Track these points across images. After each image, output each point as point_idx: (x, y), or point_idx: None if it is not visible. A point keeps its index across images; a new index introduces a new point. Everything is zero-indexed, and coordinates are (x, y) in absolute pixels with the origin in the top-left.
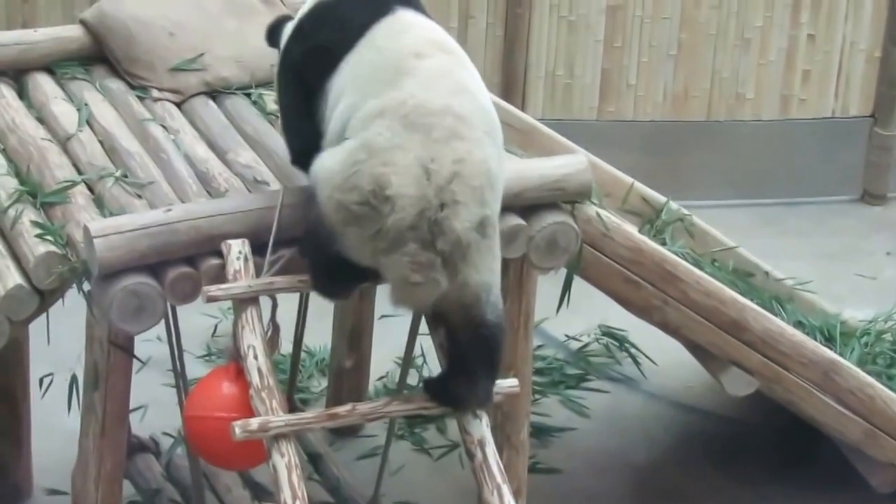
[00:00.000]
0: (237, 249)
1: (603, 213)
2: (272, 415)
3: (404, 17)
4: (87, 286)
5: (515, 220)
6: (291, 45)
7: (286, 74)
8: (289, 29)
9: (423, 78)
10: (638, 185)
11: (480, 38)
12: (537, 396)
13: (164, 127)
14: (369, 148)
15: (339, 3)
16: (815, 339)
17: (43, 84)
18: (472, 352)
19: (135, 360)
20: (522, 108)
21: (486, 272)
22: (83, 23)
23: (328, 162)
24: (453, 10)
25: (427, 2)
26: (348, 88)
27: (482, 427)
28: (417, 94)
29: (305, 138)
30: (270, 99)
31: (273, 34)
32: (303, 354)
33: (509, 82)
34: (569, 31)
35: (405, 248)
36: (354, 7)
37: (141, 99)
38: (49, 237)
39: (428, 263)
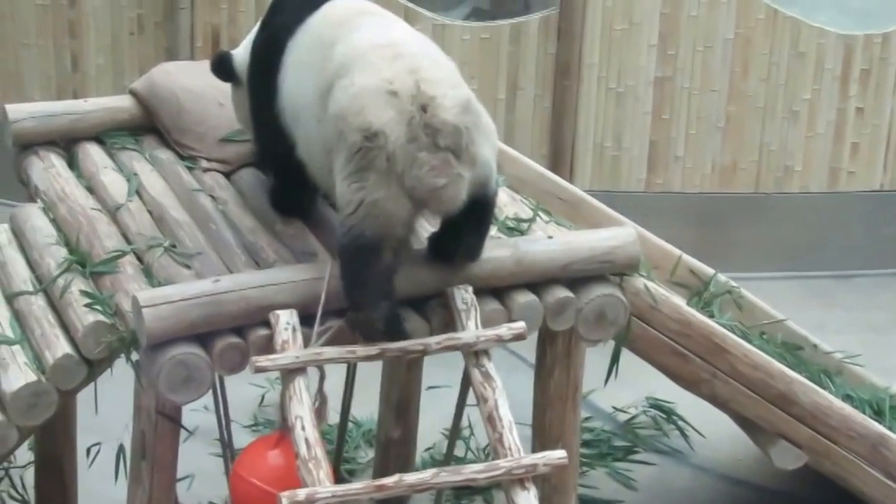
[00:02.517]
0: (285, 320)
1: (651, 285)
2: (319, 486)
3: (335, 2)
4: (135, 356)
5: (564, 293)
6: (254, 41)
7: (250, 81)
8: (243, 51)
9: (351, 38)
10: (686, 257)
11: (528, 110)
12: (585, 468)
13: (212, 197)
14: (339, 115)
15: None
16: (864, 413)
17: (93, 154)
18: (466, 216)
19: (182, 430)
20: (570, 180)
21: (490, 147)
22: (133, 93)
23: (335, 173)
24: (501, 80)
25: (476, 72)
26: (290, 76)
27: (530, 498)
28: (348, 48)
29: (275, 144)
30: None
31: (221, 65)
32: (350, 425)
33: (557, 154)
34: (617, 103)
35: (417, 160)
36: (297, 4)
37: (190, 169)
38: (98, 307)
39: (443, 163)
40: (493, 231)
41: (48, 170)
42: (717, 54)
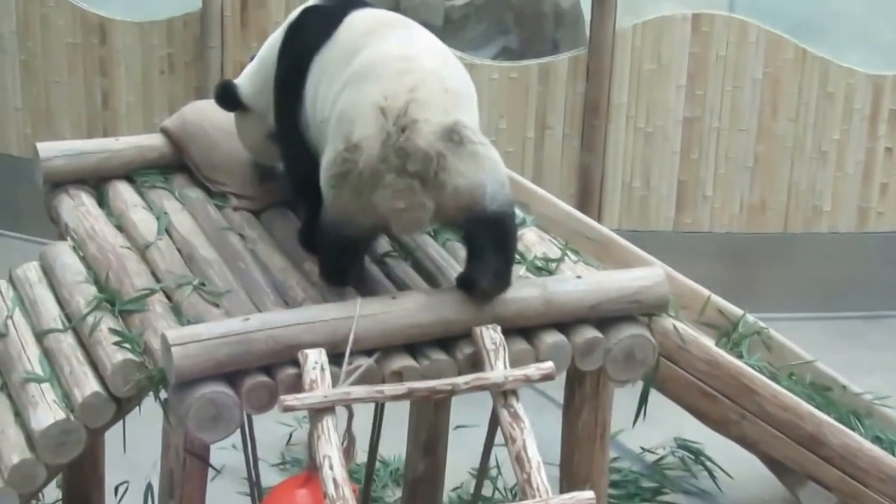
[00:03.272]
0: (314, 359)
1: (680, 325)
2: None
3: (358, 14)
4: (163, 394)
5: (592, 333)
6: (279, 63)
7: (277, 101)
8: (248, 80)
9: (373, 46)
10: (714, 297)
11: (557, 149)
12: None
13: (242, 236)
14: (336, 119)
15: (307, 15)
16: (894, 455)
17: (123, 192)
18: (478, 238)
19: (210, 469)
20: (598, 219)
21: (476, 173)
22: (164, 131)
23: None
24: (530, 119)
25: (505, 111)
26: (315, 88)
27: None
28: (367, 57)
29: (303, 165)
30: None
31: (226, 95)
32: (378, 464)
33: (585, 193)
34: (645, 142)
35: (383, 181)
36: (320, 17)
37: (219, 207)
38: (127, 345)
39: (407, 189)
40: (521, 271)
41: (78, 208)
42: (746, 94)
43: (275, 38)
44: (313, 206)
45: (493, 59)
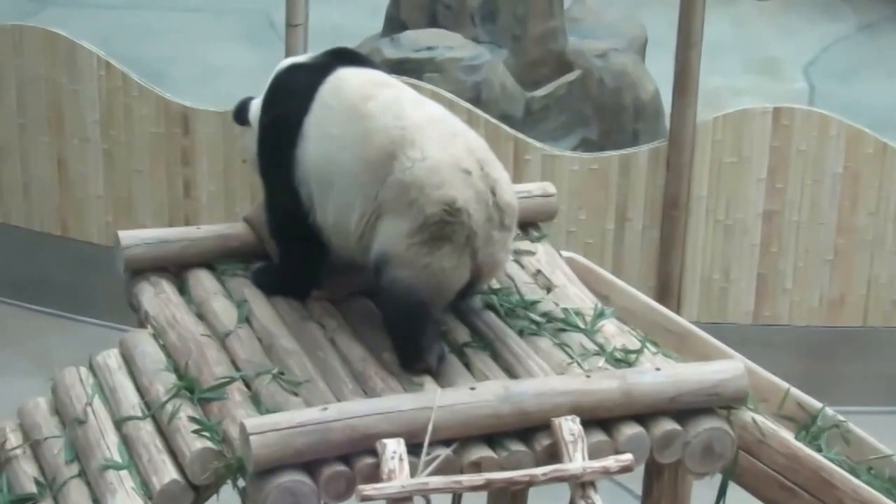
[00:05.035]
0: (392, 449)
1: (759, 418)
2: None
3: (342, 74)
4: (241, 482)
5: (671, 425)
6: (262, 118)
7: (261, 148)
8: (256, 106)
9: (395, 110)
10: (794, 390)
11: (636, 241)
12: None
13: (321, 325)
14: (414, 184)
15: (289, 73)
16: None
17: (203, 280)
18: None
19: None
20: (677, 311)
21: None
22: (246, 221)
23: (388, 234)
24: (610, 211)
25: (585, 203)
26: (317, 148)
27: None
28: (401, 121)
29: (290, 214)
30: None
31: (240, 112)
32: None
33: (664, 285)
34: (725, 235)
35: (491, 238)
36: (301, 75)
37: None
38: (205, 433)
39: (507, 241)
40: (600, 362)
41: (159, 295)
42: (826, 188)
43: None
44: (290, 251)
45: (573, 151)
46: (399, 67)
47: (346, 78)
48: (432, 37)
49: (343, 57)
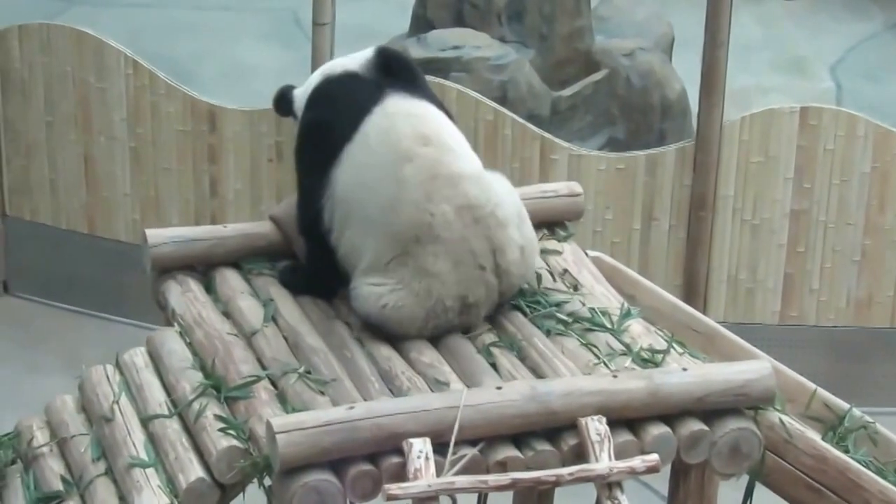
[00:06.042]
0: (418, 448)
1: (786, 419)
2: None
3: (390, 108)
4: (267, 481)
5: (698, 426)
6: (305, 115)
7: (300, 145)
8: (300, 98)
9: (424, 189)
10: (821, 391)
11: (663, 240)
12: None
13: (348, 324)
14: (431, 276)
15: (339, 83)
16: None
17: (230, 279)
18: None
19: None
20: (704, 311)
21: None
22: (272, 219)
23: (388, 304)
24: (636, 211)
25: (611, 202)
26: (348, 183)
27: None
28: (433, 205)
29: (308, 219)
30: None
31: (283, 101)
32: None
33: (691, 285)
34: (752, 235)
35: (494, 301)
36: (351, 91)
37: None
38: (232, 431)
39: (509, 290)
40: (626, 362)
41: (185, 294)
42: (854, 188)
43: (313, 80)
44: (318, 250)
45: (600, 150)
46: (426, 67)
47: (394, 116)
48: (459, 36)
49: (391, 66)
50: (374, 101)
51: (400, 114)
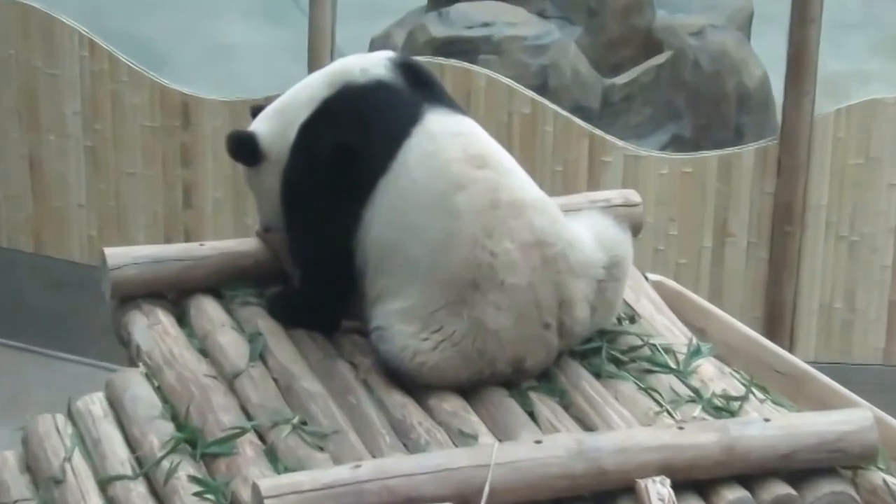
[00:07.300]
0: None
1: (891, 480)
2: None
3: (433, 127)
4: None
5: (784, 489)
6: (320, 137)
7: (316, 175)
8: (280, 128)
9: (482, 220)
10: None
11: (740, 262)
12: None
13: (352, 364)
14: (491, 334)
15: (365, 96)
16: None
17: (208, 308)
18: None
19: None
20: (790, 349)
21: None
22: (260, 235)
23: (441, 374)
24: (707, 225)
25: (676, 214)
26: (388, 223)
27: None
28: (494, 241)
29: (334, 251)
30: None
31: (246, 146)
32: None
33: (774, 316)
34: (849, 255)
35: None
36: (383, 109)
37: None
38: (210, 496)
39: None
40: (696, 411)
41: (153, 327)
42: None
43: (309, 93)
44: (315, 274)
45: (662, 150)
46: (448, 49)
47: (439, 138)
48: (489, 11)
49: (413, 73)
50: (411, 120)
51: (446, 133)
